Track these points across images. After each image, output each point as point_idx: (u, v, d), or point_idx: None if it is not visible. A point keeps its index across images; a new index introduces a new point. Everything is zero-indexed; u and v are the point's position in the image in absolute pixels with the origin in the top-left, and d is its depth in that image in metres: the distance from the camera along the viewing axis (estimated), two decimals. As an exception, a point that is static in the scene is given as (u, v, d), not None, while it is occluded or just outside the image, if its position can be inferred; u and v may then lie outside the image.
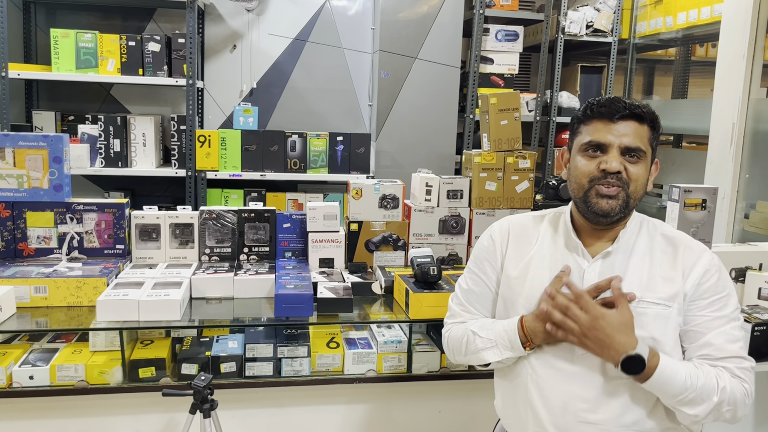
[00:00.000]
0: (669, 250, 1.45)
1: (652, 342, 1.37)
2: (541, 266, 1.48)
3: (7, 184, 2.29)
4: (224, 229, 2.47)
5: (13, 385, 1.93)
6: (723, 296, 1.41)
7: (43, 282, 2.09)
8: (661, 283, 1.41)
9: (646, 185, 1.44)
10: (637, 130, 1.40)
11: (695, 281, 1.41)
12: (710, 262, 1.43)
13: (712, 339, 1.39)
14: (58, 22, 3.83)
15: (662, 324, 1.39)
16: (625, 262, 1.43)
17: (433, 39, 3.84)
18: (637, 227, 1.48)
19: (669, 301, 1.40)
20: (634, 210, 1.47)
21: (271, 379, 2.08)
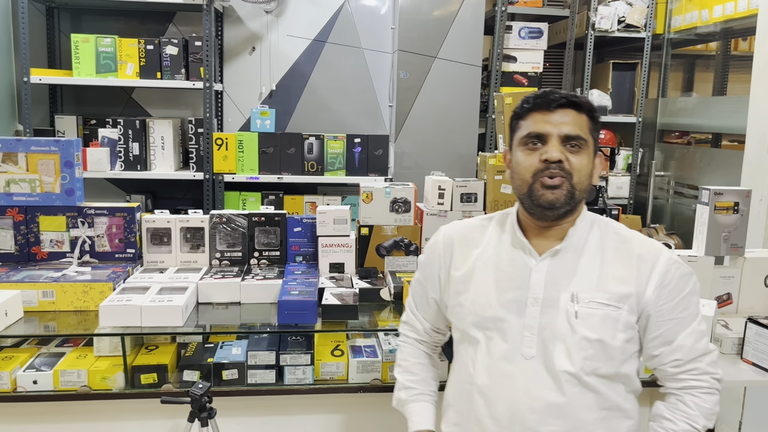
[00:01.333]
0: (622, 248, 1.40)
1: (600, 345, 1.33)
2: (486, 266, 1.45)
3: (21, 189, 2.32)
4: (235, 233, 2.45)
5: (18, 389, 1.93)
6: (686, 294, 1.39)
7: (50, 286, 2.09)
8: (612, 282, 1.37)
9: (590, 177, 1.39)
10: (575, 118, 1.36)
11: (656, 284, 1.36)
12: (669, 261, 1.38)
13: (682, 342, 1.38)
14: (80, 27, 3.89)
15: (611, 326, 1.35)
16: (575, 261, 1.39)
17: (453, 37, 3.76)
18: (588, 225, 1.42)
19: (619, 302, 1.35)
20: (583, 207, 1.43)
21: (273, 387, 2.04)
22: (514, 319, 1.37)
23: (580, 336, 1.33)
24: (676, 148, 4.26)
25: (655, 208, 4.26)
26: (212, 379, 2.02)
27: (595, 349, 1.33)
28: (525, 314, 1.37)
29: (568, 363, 1.33)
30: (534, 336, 1.35)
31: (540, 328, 1.35)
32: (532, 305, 1.36)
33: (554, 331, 1.34)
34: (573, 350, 1.33)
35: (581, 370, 1.33)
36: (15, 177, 2.31)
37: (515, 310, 1.38)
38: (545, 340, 1.35)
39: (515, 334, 1.37)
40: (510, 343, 1.37)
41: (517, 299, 1.38)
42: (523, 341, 1.36)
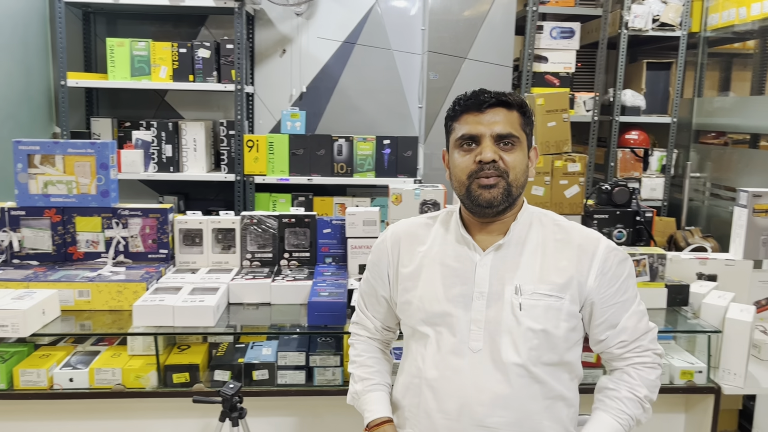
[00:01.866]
0: (562, 237, 1.44)
1: (544, 335, 1.37)
2: (433, 263, 1.47)
3: (58, 190, 2.37)
4: (265, 234, 2.47)
5: (54, 387, 1.98)
6: (625, 278, 1.44)
7: (86, 286, 2.14)
8: (553, 273, 1.40)
9: (526, 172, 1.43)
10: (506, 117, 1.39)
11: (597, 272, 1.41)
12: (607, 248, 1.43)
13: (625, 323, 1.43)
14: (116, 31, 3.96)
15: (554, 316, 1.38)
16: (518, 254, 1.43)
17: (483, 38, 3.73)
18: (528, 219, 1.47)
19: (561, 292, 1.39)
20: (523, 201, 1.47)
21: (302, 388, 2.05)
22: (461, 313, 1.40)
23: (525, 327, 1.36)
24: (713, 148, 4.16)
25: (690, 210, 4.17)
26: (243, 379, 2.04)
27: (539, 339, 1.36)
28: (471, 308, 1.40)
29: (515, 354, 1.36)
30: (480, 330, 1.38)
31: (486, 322, 1.38)
32: (478, 299, 1.40)
33: (500, 323, 1.38)
34: (519, 341, 1.36)
35: (528, 360, 1.36)
36: (52, 179, 2.37)
37: (462, 305, 1.41)
38: (492, 333, 1.38)
39: (462, 328, 1.40)
40: (458, 337, 1.40)
41: (464, 294, 1.41)
42: (470, 335, 1.39)
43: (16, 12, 3.43)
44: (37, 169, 2.36)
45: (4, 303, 1.92)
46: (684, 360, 2.16)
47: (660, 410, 2.18)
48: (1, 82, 3.30)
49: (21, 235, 2.36)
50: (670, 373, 2.13)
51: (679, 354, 2.20)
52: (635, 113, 4.20)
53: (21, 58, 3.49)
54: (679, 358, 2.17)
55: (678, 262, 2.41)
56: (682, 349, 2.26)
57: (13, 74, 3.42)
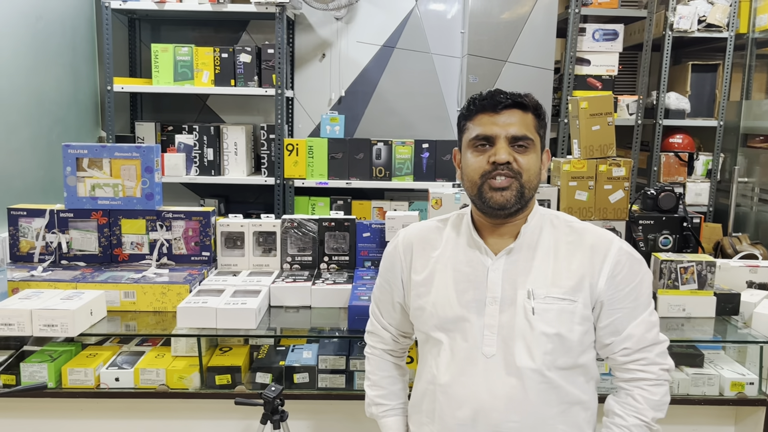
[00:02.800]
0: (574, 239, 1.42)
1: (558, 339, 1.36)
2: (446, 268, 1.46)
3: (104, 193, 2.42)
4: (305, 237, 2.48)
5: (101, 386, 2.02)
6: (636, 284, 1.40)
7: (131, 287, 2.18)
8: (566, 277, 1.39)
9: (539, 174, 1.42)
10: (521, 118, 1.38)
11: (608, 274, 1.39)
12: (620, 251, 1.40)
13: (632, 331, 1.40)
14: (159, 37, 4.04)
15: (567, 319, 1.37)
16: (530, 258, 1.41)
17: (524, 41, 3.69)
18: (539, 221, 1.45)
19: (574, 295, 1.37)
20: (534, 203, 1.45)
21: (343, 392, 2.05)
22: (474, 318, 1.39)
23: (539, 332, 1.35)
24: (762, 153, 4.04)
25: (737, 216, 4.05)
26: (283, 381, 2.05)
27: (553, 343, 1.35)
28: (484, 313, 1.38)
29: (529, 359, 1.35)
30: (494, 335, 1.37)
31: (499, 327, 1.37)
32: (491, 304, 1.38)
33: (513, 328, 1.36)
34: (533, 346, 1.35)
35: (542, 365, 1.35)
36: (100, 182, 2.42)
37: (475, 310, 1.39)
38: (505, 338, 1.37)
39: (476, 334, 1.39)
40: (470, 343, 1.39)
41: (477, 299, 1.40)
42: (484, 340, 1.38)
43: (65, 19, 3.53)
44: (85, 172, 2.42)
45: (53, 303, 1.97)
46: (734, 371, 2.09)
47: (709, 422, 2.12)
48: (51, 87, 3.40)
49: (69, 237, 2.42)
50: (720, 384, 2.07)
51: (729, 365, 2.14)
52: (680, 116, 4.10)
53: (69, 63, 3.58)
54: (730, 369, 2.11)
55: (727, 269, 2.34)
56: (733, 360, 2.19)
57: (62, 79, 3.52)
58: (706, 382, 2.07)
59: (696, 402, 2.05)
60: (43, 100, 3.32)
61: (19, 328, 1.92)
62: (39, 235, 2.40)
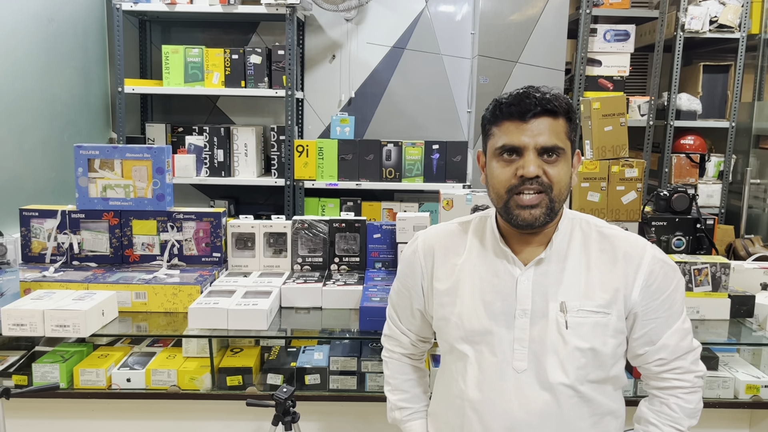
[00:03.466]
0: (606, 247, 1.35)
1: (592, 353, 1.31)
2: (471, 279, 1.38)
3: (116, 194, 2.42)
4: (316, 238, 2.47)
5: (112, 386, 2.02)
6: (671, 292, 1.34)
7: (143, 288, 2.17)
8: (599, 288, 1.32)
9: (569, 184, 1.33)
10: (551, 126, 1.26)
11: (642, 284, 1.32)
12: (653, 259, 1.34)
13: (667, 341, 1.35)
14: (170, 38, 4.06)
15: (601, 333, 1.31)
16: (561, 268, 1.33)
17: (535, 41, 3.67)
18: (569, 228, 1.37)
19: (607, 308, 1.32)
20: (563, 208, 1.36)
21: (355, 393, 2.04)
22: (503, 332, 1.32)
23: (573, 346, 1.30)
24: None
25: (749, 218, 4.01)
26: (295, 383, 2.04)
27: (587, 357, 1.30)
28: (514, 326, 1.32)
29: (562, 375, 1.30)
30: (525, 349, 1.31)
31: (530, 341, 1.31)
32: (521, 317, 1.32)
33: (545, 342, 1.30)
34: (566, 361, 1.30)
35: (576, 380, 1.30)
36: (111, 182, 2.42)
37: (504, 323, 1.32)
38: (537, 352, 1.31)
39: (505, 348, 1.32)
40: (500, 357, 1.32)
41: (505, 311, 1.33)
42: (514, 354, 1.32)
43: (77, 21, 3.55)
44: (97, 173, 2.42)
45: (65, 303, 1.97)
46: (749, 374, 2.07)
47: (723, 426, 2.10)
48: (63, 89, 3.42)
49: (80, 238, 2.42)
50: (735, 387, 2.04)
51: (743, 367, 2.12)
52: (691, 118, 4.07)
53: (81, 65, 3.60)
54: (744, 371, 2.09)
55: (741, 271, 2.31)
56: (747, 362, 2.16)
57: (74, 81, 3.53)
58: (720, 385, 2.05)
59: (710, 405, 2.03)
60: (55, 102, 3.34)
61: (31, 328, 1.93)
62: (51, 235, 2.40)
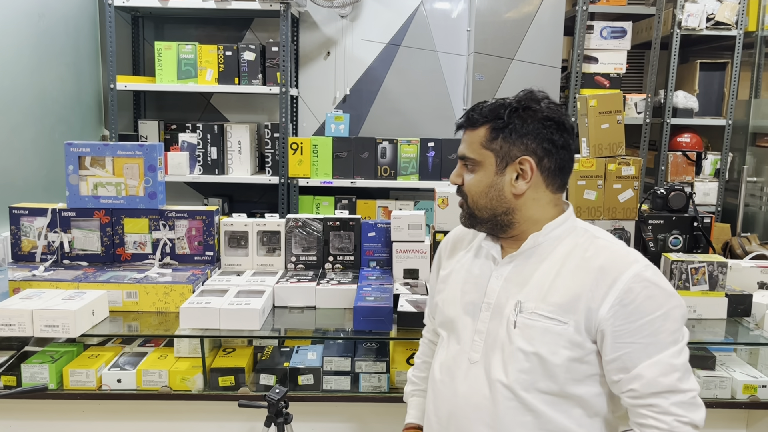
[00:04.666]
0: (588, 257, 1.28)
1: (537, 359, 1.25)
2: (462, 269, 1.45)
3: (107, 192, 2.39)
4: (310, 237, 2.44)
5: (102, 387, 1.99)
6: (656, 317, 1.20)
7: (134, 287, 2.15)
8: (560, 294, 1.26)
9: (487, 193, 1.34)
10: (469, 137, 1.35)
11: (614, 300, 1.21)
12: (636, 277, 1.22)
13: (643, 371, 1.20)
14: (163, 34, 4.02)
15: (551, 340, 1.25)
16: (534, 269, 1.32)
17: (531, 39, 3.65)
18: (565, 233, 1.34)
19: (563, 316, 1.25)
20: (561, 215, 1.34)
21: (348, 394, 2.02)
22: (469, 322, 1.37)
23: (516, 347, 1.27)
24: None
25: (746, 216, 4.00)
26: (288, 383, 2.02)
27: (531, 362, 1.26)
28: (478, 318, 1.36)
29: (502, 373, 1.29)
30: (481, 342, 1.34)
31: (487, 334, 1.33)
32: (485, 310, 1.35)
33: (496, 338, 1.31)
34: (508, 361, 1.28)
35: (516, 382, 1.27)
36: (102, 180, 2.39)
37: (471, 313, 1.37)
38: (488, 346, 1.32)
39: (467, 337, 1.36)
40: (461, 345, 1.37)
41: (474, 302, 1.37)
42: (472, 345, 1.35)
43: (68, 17, 3.51)
44: (88, 171, 2.39)
45: (54, 303, 1.94)
46: (746, 374, 2.06)
47: (721, 426, 2.08)
48: (54, 86, 3.38)
49: (71, 236, 2.39)
50: (732, 387, 2.03)
51: (740, 367, 2.10)
52: (688, 115, 4.06)
53: (72, 61, 3.56)
54: (741, 371, 2.07)
55: (738, 270, 2.30)
56: (744, 362, 2.15)
57: (66, 78, 3.49)
58: (717, 384, 2.03)
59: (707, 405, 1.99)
60: (46, 99, 3.30)
61: (20, 328, 1.90)
62: (41, 234, 2.37)
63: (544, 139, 1.30)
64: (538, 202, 1.33)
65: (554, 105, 1.35)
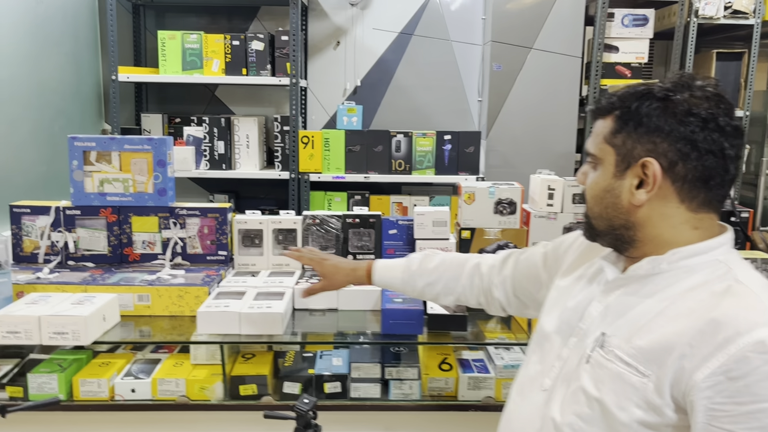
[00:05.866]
0: (709, 300, 0.98)
1: (599, 408, 1.02)
2: (579, 281, 1.22)
3: (114, 189, 2.26)
4: (328, 235, 2.33)
5: (116, 397, 1.86)
6: None
7: (146, 290, 2.02)
8: (652, 339, 0.99)
9: (602, 198, 1.10)
10: (597, 127, 1.12)
11: (718, 368, 0.91)
12: (762, 344, 0.89)
13: None
14: (165, 24, 3.88)
15: (623, 392, 1.00)
16: (640, 300, 1.05)
17: (550, 27, 3.53)
18: (699, 266, 1.03)
19: (645, 366, 0.99)
20: (693, 242, 1.04)
21: (378, 402, 1.90)
22: (557, 343, 1.17)
23: (580, 385, 1.07)
24: (791, 144, 3.91)
25: (765, 210, 3.92)
26: (313, 391, 1.90)
27: (592, 410, 1.04)
28: (566, 343, 1.15)
29: (558, 411, 1.10)
30: (558, 369, 1.14)
31: (565, 362, 1.14)
32: (576, 335, 1.13)
33: (570, 370, 1.11)
34: (569, 399, 1.09)
35: (568, 426, 1.07)
36: (108, 176, 2.26)
37: (563, 335, 1.17)
38: (561, 376, 1.13)
39: (549, 361, 1.17)
40: (542, 367, 1.18)
41: (570, 324, 1.16)
42: (550, 370, 1.15)
43: (67, 4, 3.35)
44: (93, 167, 2.26)
45: (63, 308, 1.81)
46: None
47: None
48: (53, 77, 3.22)
49: (76, 236, 2.26)
50: None
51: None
52: (704, 107, 3.95)
53: (71, 51, 3.41)
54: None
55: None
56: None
57: (65, 69, 3.34)
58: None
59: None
60: (45, 91, 3.15)
61: (26, 336, 1.76)
62: (44, 234, 2.24)
63: (680, 138, 1.01)
64: (669, 220, 1.05)
65: (711, 95, 1.03)
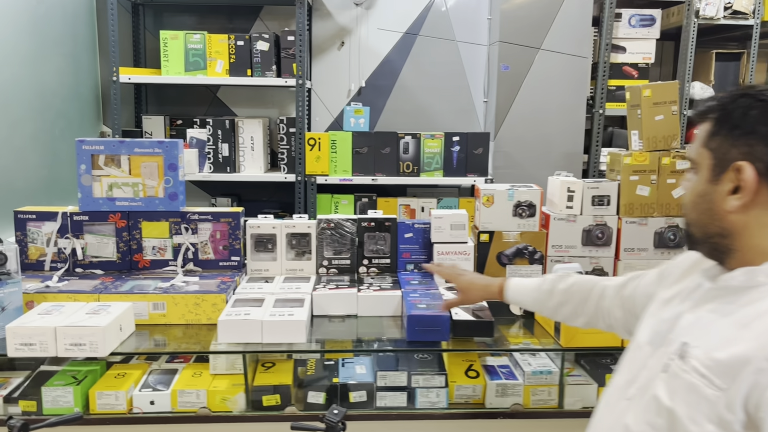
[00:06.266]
0: None
1: (670, 418, 0.98)
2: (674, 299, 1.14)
3: (123, 193, 2.19)
4: (343, 239, 2.27)
5: (134, 410, 1.80)
6: None
7: (161, 298, 1.96)
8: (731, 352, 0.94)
9: (699, 204, 1.05)
10: (698, 131, 1.08)
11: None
12: None
13: None
14: (165, 23, 3.79)
15: (696, 404, 0.94)
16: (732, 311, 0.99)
17: (558, 27, 3.50)
18: None
19: (723, 379, 0.92)
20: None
21: (404, 411, 1.86)
22: (647, 352, 1.11)
23: (653, 393, 1.03)
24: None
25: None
26: (338, 400, 1.85)
27: (663, 419, 0.99)
28: (656, 352, 1.09)
29: (632, 419, 1.05)
30: (644, 378, 1.09)
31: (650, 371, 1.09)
32: (666, 345, 1.07)
33: (650, 377, 1.07)
34: (641, 407, 1.05)
35: None
36: (118, 181, 2.19)
37: (655, 344, 1.11)
38: (645, 385, 1.08)
39: (636, 369, 1.12)
40: (629, 376, 1.13)
41: (662, 333, 1.10)
42: (637, 380, 1.10)
43: (66, 4, 3.26)
44: (102, 171, 2.19)
45: (78, 318, 1.74)
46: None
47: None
48: (52, 79, 3.14)
49: (84, 242, 2.19)
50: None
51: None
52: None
53: (70, 52, 3.32)
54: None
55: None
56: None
57: (64, 70, 3.25)
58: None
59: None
60: (45, 92, 3.06)
61: (41, 348, 1.70)
62: (50, 240, 2.17)
63: None
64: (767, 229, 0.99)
65: None
